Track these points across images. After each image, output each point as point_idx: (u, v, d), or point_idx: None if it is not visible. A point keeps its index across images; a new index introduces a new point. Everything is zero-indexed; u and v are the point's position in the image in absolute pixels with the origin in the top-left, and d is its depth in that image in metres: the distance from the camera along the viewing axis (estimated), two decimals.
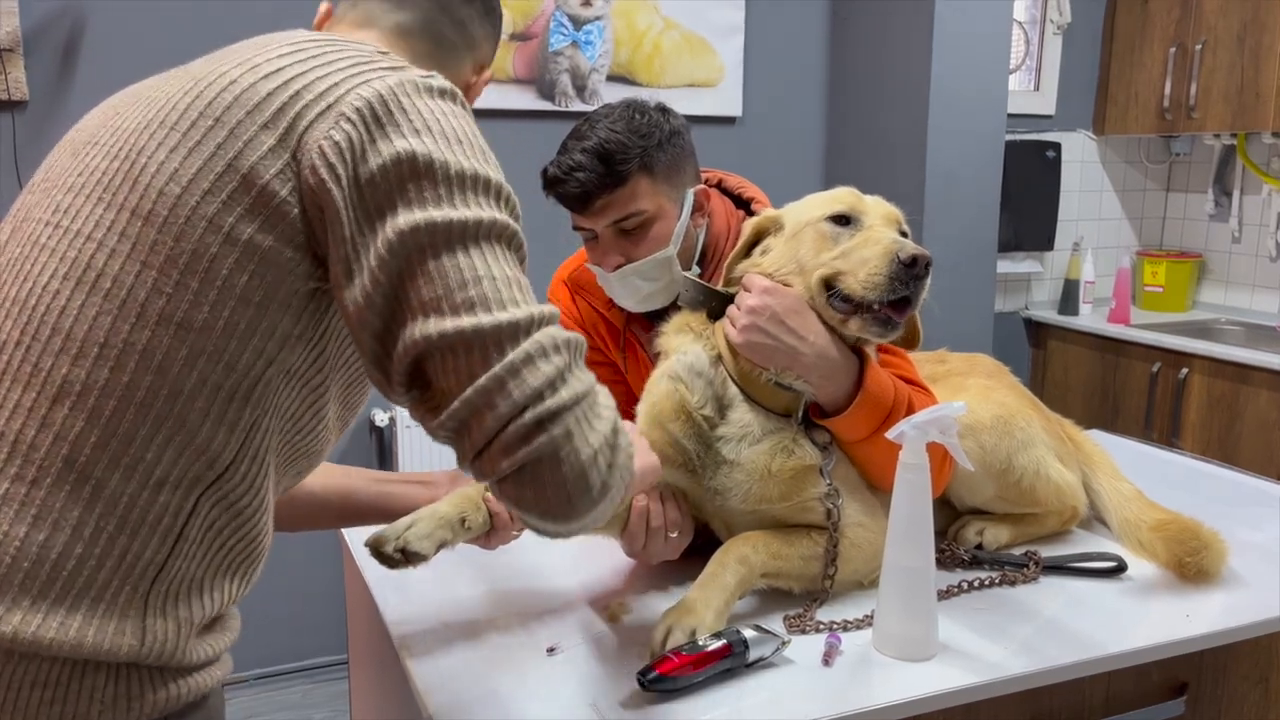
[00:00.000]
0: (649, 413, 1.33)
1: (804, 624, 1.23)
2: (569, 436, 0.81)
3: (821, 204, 1.31)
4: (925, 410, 1.15)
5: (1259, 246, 3.66)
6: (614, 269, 1.46)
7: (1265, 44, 3.20)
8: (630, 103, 1.46)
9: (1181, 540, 1.35)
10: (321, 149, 0.85)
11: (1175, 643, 1.22)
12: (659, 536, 1.29)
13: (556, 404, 0.81)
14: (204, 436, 0.86)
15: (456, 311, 0.82)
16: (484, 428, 0.81)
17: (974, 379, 1.51)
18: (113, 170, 0.89)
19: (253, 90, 0.88)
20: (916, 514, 1.15)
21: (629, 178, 1.41)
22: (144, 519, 0.85)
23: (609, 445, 0.84)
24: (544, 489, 0.81)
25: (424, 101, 0.89)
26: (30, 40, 2.45)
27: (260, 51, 0.92)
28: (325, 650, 2.95)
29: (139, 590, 0.85)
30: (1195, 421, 3.25)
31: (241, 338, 0.86)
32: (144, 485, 0.85)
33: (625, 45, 3.05)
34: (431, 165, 0.86)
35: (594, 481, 0.82)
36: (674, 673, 1.08)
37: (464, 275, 0.83)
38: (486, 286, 0.84)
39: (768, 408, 1.30)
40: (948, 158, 3.02)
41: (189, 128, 0.87)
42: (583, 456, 0.82)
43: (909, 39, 3.03)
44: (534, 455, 0.80)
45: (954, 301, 3.09)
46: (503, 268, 0.86)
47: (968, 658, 1.17)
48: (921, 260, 1.21)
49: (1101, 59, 3.78)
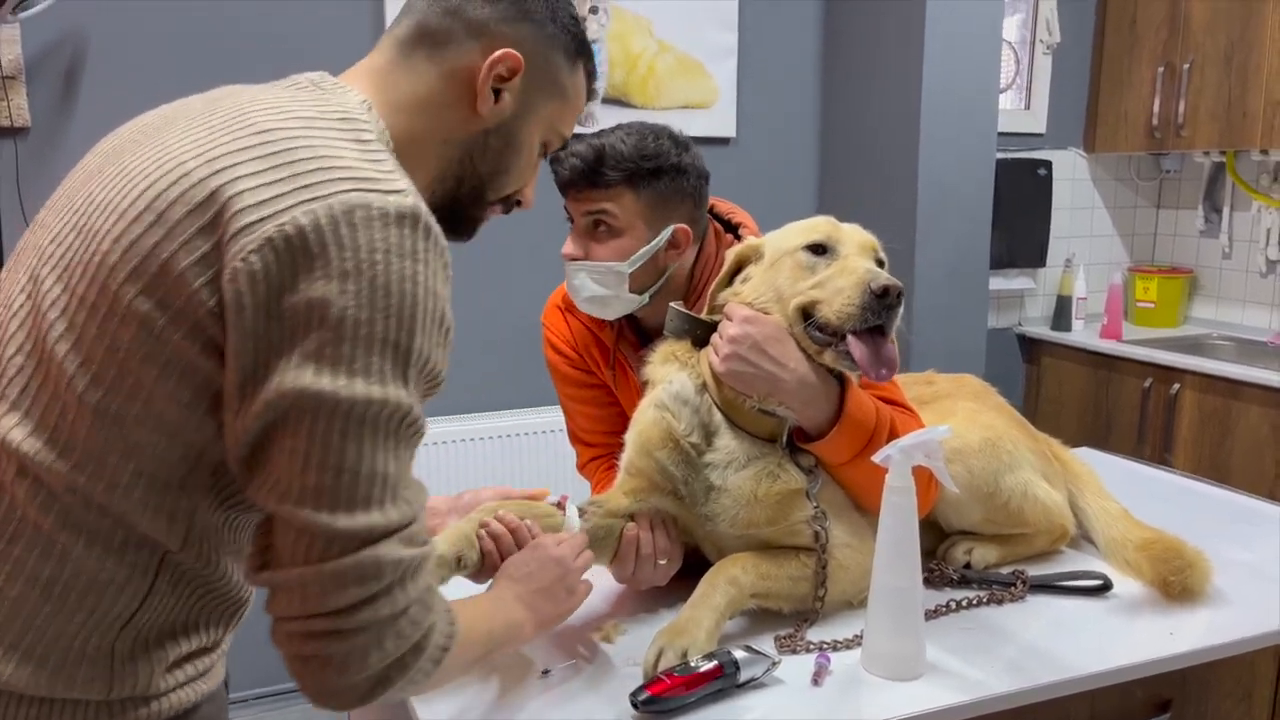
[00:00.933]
0: (637, 441, 1.36)
1: (794, 644, 1.25)
2: (347, 656, 0.82)
3: (799, 233, 1.34)
4: (911, 434, 1.17)
5: (1249, 262, 3.69)
6: (570, 258, 1.51)
7: (1252, 63, 3.24)
8: (657, 129, 1.51)
9: (1166, 559, 1.38)
10: (236, 271, 0.81)
11: (1158, 660, 1.25)
12: (648, 564, 1.33)
13: (345, 626, 0.82)
14: (147, 524, 0.88)
15: (302, 498, 0.81)
16: (286, 606, 0.83)
17: (961, 401, 1.53)
18: (75, 249, 0.89)
19: (200, 187, 0.84)
20: (903, 536, 1.18)
21: (611, 185, 1.45)
22: (111, 579, 0.88)
23: (398, 664, 0.85)
24: (308, 682, 0.84)
25: (368, 234, 0.82)
26: (32, 67, 2.48)
27: (227, 133, 0.88)
28: None
29: (105, 640, 0.89)
30: (1187, 437, 3.28)
31: (170, 433, 0.86)
32: (108, 551, 0.88)
33: (620, 67, 3.08)
34: (343, 322, 0.80)
35: (360, 692, 0.84)
36: (666, 694, 1.10)
37: (327, 461, 0.81)
38: (345, 481, 0.81)
39: (753, 433, 1.33)
40: (940, 176, 3.06)
41: (134, 220, 0.85)
42: (357, 675, 0.83)
43: (901, 60, 3.07)
44: (309, 654, 0.83)
45: (948, 318, 3.13)
46: (372, 460, 0.82)
47: (955, 677, 1.20)
48: (893, 290, 1.23)
49: (1091, 78, 3.82)
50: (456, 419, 2.99)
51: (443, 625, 0.90)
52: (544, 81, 1.05)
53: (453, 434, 2.92)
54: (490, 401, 3.06)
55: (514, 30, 1.02)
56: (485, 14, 1.01)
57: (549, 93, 1.06)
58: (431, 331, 0.86)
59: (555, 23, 1.04)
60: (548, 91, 1.06)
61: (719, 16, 3.18)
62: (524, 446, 3.00)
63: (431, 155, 1.02)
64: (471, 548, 1.23)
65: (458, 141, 1.03)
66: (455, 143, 1.03)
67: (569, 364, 1.66)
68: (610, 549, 1.33)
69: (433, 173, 1.03)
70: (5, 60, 2.43)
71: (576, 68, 1.08)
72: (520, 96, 1.03)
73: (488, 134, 1.03)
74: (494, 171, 1.06)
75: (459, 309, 3.23)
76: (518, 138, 1.06)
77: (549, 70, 1.05)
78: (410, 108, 1.00)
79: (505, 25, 1.01)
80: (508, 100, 1.03)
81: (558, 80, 1.06)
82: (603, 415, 1.64)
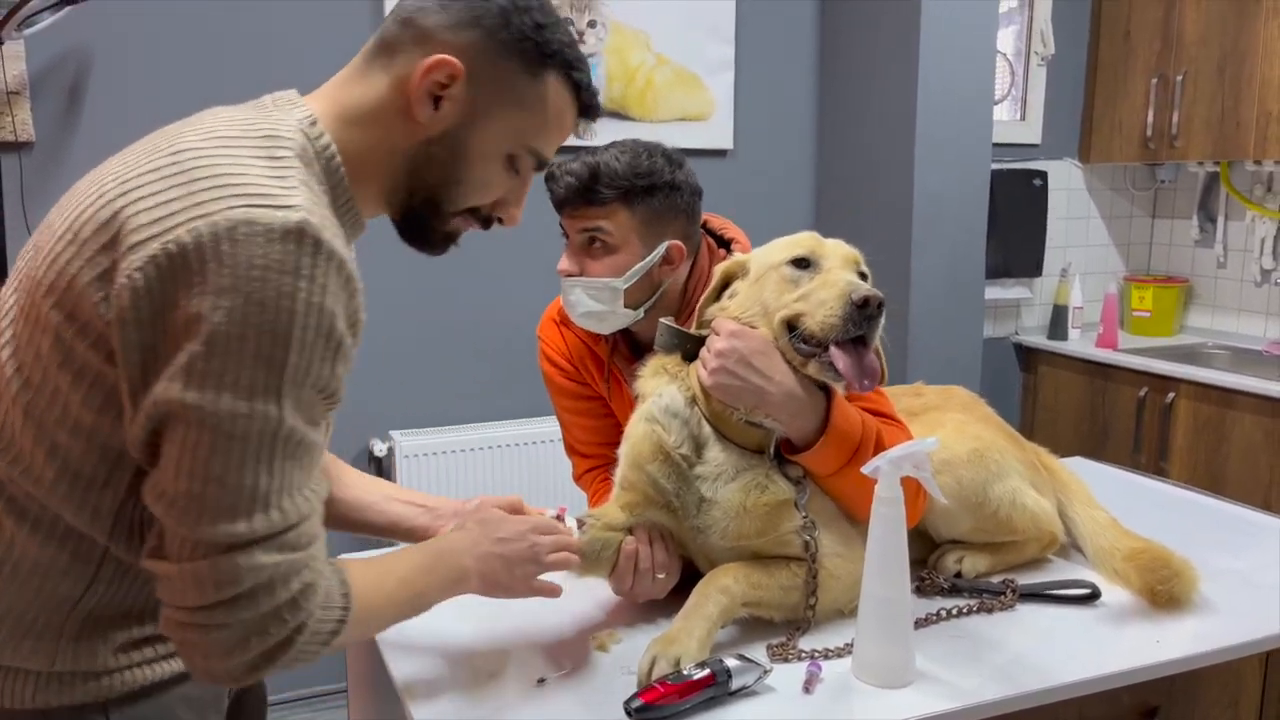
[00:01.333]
0: (629, 455, 1.38)
1: (787, 652, 1.27)
2: (211, 645, 0.88)
3: (783, 248, 1.36)
4: (899, 446, 1.19)
5: (1244, 271, 3.72)
6: (566, 275, 1.54)
7: (1244, 75, 3.27)
8: (651, 146, 1.53)
9: (1152, 568, 1.39)
10: (123, 287, 0.86)
11: (1145, 668, 1.27)
12: (646, 578, 1.35)
13: (209, 621, 0.87)
14: (72, 517, 0.95)
15: (173, 503, 0.87)
16: (161, 593, 0.90)
17: (949, 413, 1.55)
18: (28, 265, 0.97)
19: (108, 207, 0.90)
20: (892, 546, 1.20)
21: (606, 202, 1.48)
22: (53, 564, 0.96)
23: (264, 656, 0.90)
24: (187, 662, 0.92)
25: (249, 251, 0.84)
26: (36, 83, 2.52)
27: (149, 156, 0.92)
28: (325, 679, 2.98)
29: (55, 619, 0.97)
30: (1183, 445, 3.30)
31: (87, 436, 0.93)
32: (50, 538, 0.95)
33: (619, 81, 3.12)
34: (214, 337, 0.84)
35: (234, 676, 0.90)
36: (659, 702, 1.12)
37: (195, 470, 0.85)
38: (210, 491, 0.86)
39: (741, 445, 1.35)
40: (934, 187, 3.09)
41: (59, 238, 0.92)
42: (222, 664, 0.89)
43: (896, 72, 3.10)
44: (181, 640, 0.90)
45: (943, 327, 3.15)
46: (239, 473, 0.86)
47: (944, 684, 1.21)
48: (873, 301, 1.26)
49: (1085, 90, 3.85)
50: (454, 429, 3.01)
51: (322, 614, 0.94)
52: (495, 90, 1.02)
53: (450, 444, 2.95)
54: (487, 412, 3.08)
55: (459, 37, 1.00)
56: (433, 21, 1.00)
57: (502, 101, 1.02)
58: (314, 346, 0.88)
59: (509, 29, 1.01)
60: (501, 100, 1.02)
61: (716, 30, 3.22)
62: (520, 457, 3.02)
63: (382, 166, 1.03)
64: None
65: (402, 151, 1.02)
66: (400, 152, 1.02)
67: (564, 376, 1.68)
68: (608, 562, 1.35)
69: (385, 184, 1.04)
70: (10, 76, 2.46)
71: (541, 78, 1.03)
72: (465, 105, 1.01)
73: (430, 143, 1.02)
74: (443, 182, 1.04)
75: (457, 320, 3.26)
76: (466, 147, 1.03)
77: (500, 78, 1.02)
78: (362, 119, 1.01)
79: (450, 33, 1.00)
80: (448, 109, 1.01)
81: (513, 89, 1.02)
82: (598, 426, 1.67)
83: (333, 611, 0.95)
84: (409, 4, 1.03)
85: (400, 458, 2.91)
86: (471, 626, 1.37)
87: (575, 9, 3.02)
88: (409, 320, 2.97)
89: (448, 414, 3.05)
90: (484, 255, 2.99)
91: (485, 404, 3.08)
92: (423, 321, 3.00)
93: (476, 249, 3.13)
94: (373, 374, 2.94)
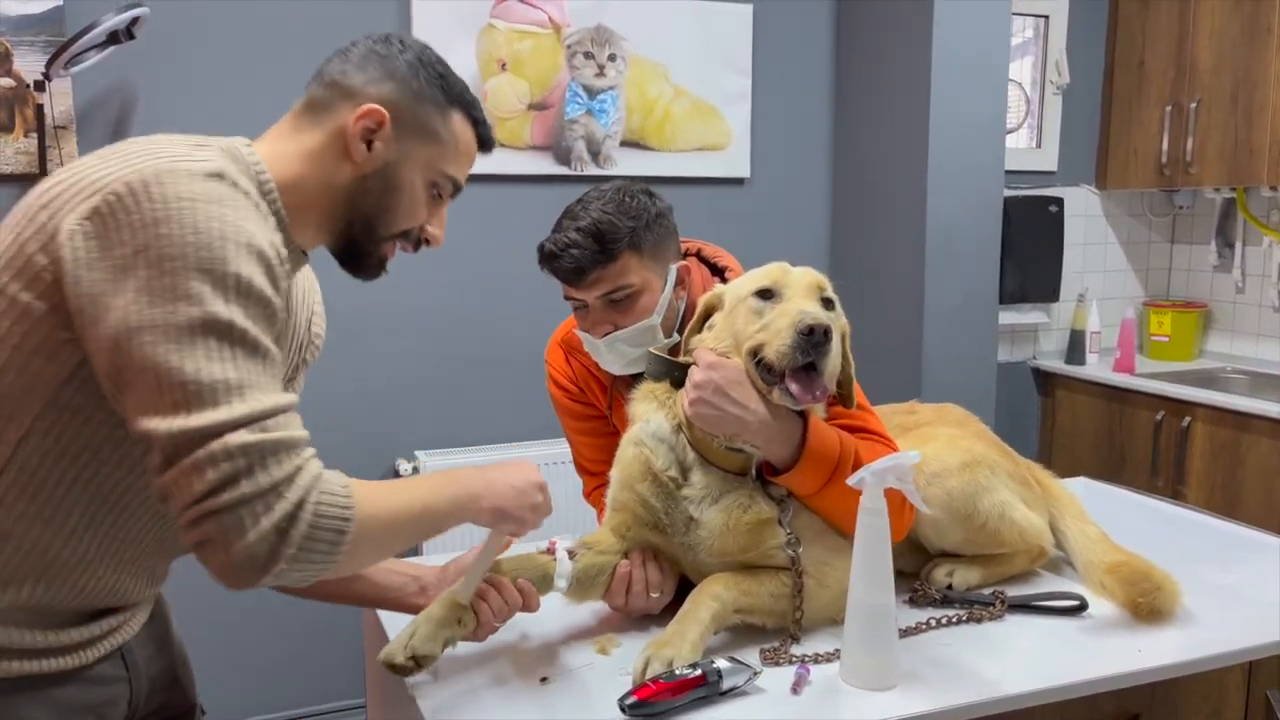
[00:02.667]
0: (619, 476, 1.46)
1: (778, 657, 1.33)
2: (226, 531, 0.96)
3: (750, 280, 1.42)
4: (883, 459, 1.26)
5: (1262, 296, 3.73)
6: (602, 336, 1.57)
7: (1257, 102, 3.31)
8: (620, 186, 1.58)
9: (1134, 581, 1.44)
10: (70, 230, 1.00)
11: (1125, 675, 1.32)
12: (640, 598, 1.42)
13: (214, 505, 0.96)
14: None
15: (158, 409, 0.97)
16: (174, 508, 0.98)
17: (942, 428, 1.61)
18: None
19: (54, 188, 1.05)
20: (877, 554, 1.26)
21: (619, 255, 1.51)
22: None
23: (276, 533, 0.97)
24: (213, 562, 0.98)
25: (176, 187, 1.00)
26: (83, 118, 2.65)
27: (95, 155, 1.09)
28: (347, 694, 3.06)
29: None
30: (1199, 469, 3.31)
31: (1, 371, 1.04)
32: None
33: (637, 112, 3.21)
34: (160, 257, 0.98)
35: (256, 563, 0.97)
36: (652, 699, 1.19)
37: (171, 377, 0.96)
38: (190, 389, 0.97)
39: (725, 469, 1.41)
40: (948, 214, 3.14)
41: (14, 219, 1.07)
42: (240, 547, 0.96)
43: (909, 101, 3.16)
44: (201, 538, 0.97)
45: (956, 351, 3.20)
46: (210, 368, 0.98)
47: (928, 687, 1.27)
48: (818, 329, 1.30)
49: (1101, 117, 3.90)
50: (478, 449, 3.10)
51: (323, 496, 1.01)
52: (414, 129, 1.21)
53: (475, 464, 3.02)
54: (511, 432, 3.17)
55: (379, 89, 1.20)
56: (356, 81, 1.20)
57: (421, 138, 1.22)
58: (245, 258, 1.02)
59: (419, 79, 1.21)
60: (420, 137, 1.22)
61: (733, 62, 3.31)
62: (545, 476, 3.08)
63: (318, 199, 1.20)
64: (466, 612, 1.30)
65: (339, 186, 1.20)
66: (338, 187, 1.20)
67: (570, 398, 1.75)
68: (602, 587, 1.43)
69: (326, 212, 1.21)
70: (58, 111, 2.59)
71: (449, 115, 1.24)
72: (393, 144, 1.20)
73: (366, 178, 1.20)
74: (378, 210, 1.22)
75: (481, 342, 3.34)
76: (396, 178, 1.22)
77: (418, 119, 1.21)
78: (296, 157, 1.19)
79: (372, 87, 1.20)
80: (380, 148, 1.19)
81: (428, 126, 1.22)
82: (604, 445, 1.73)
83: (335, 498, 1.02)
84: (330, 71, 1.23)
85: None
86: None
87: (595, 43, 3.12)
88: (434, 342, 3.07)
89: (473, 434, 3.14)
90: (507, 279, 3.08)
91: (510, 424, 3.16)
92: (448, 343, 3.09)
93: (500, 272, 3.22)
94: (398, 395, 3.04)
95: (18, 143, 2.57)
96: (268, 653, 2.96)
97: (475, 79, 3.00)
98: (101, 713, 1.19)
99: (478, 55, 3.00)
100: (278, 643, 2.97)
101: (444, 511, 1.19)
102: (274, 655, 2.98)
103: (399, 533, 1.13)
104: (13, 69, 2.55)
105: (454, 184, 1.27)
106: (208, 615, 2.60)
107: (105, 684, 1.19)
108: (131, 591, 1.20)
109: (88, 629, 1.15)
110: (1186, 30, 3.54)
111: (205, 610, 2.35)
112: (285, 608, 2.92)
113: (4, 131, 2.56)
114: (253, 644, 2.94)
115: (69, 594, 1.12)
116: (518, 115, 3.06)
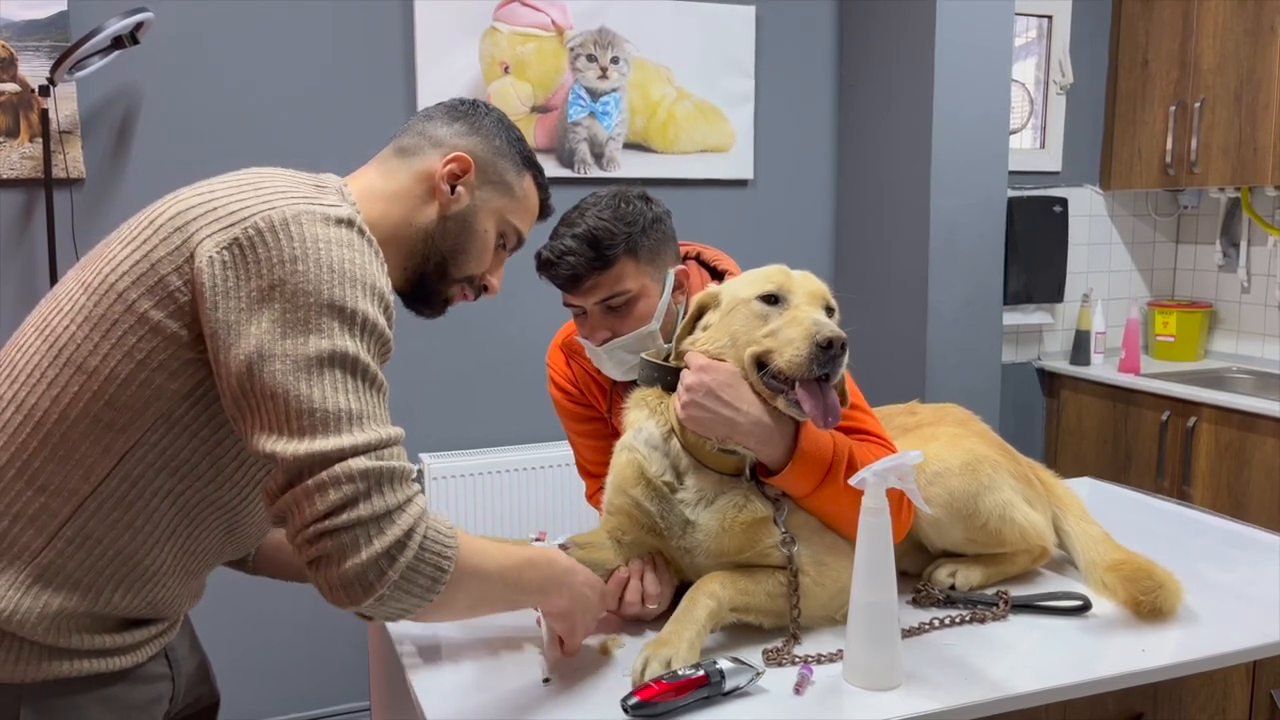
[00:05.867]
0: (613, 481, 1.46)
1: (781, 657, 1.33)
2: (342, 549, 1.01)
3: (753, 283, 1.41)
4: (884, 459, 1.26)
5: (1268, 296, 3.73)
6: (601, 343, 1.57)
7: (1261, 101, 3.31)
8: (616, 192, 1.58)
9: (1136, 580, 1.44)
10: (210, 256, 1.07)
11: (1128, 675, 1.31)
12: (633, 606, 1.42)
13: (332, 525, 1.01)
14: (81, 453, 1.09)
15: (284, 433, 1.03)
16: (291, 527, 1.04)
17: (944, 428, 1.61)
18: (93, 255, 1.17)
19: (189, 210, 1.12)
20: (878, 554, 1.26)
21: (616, 261, 1.52)
22: (25, 512, 1.09)
23: (386, 556, 1.02)
24: (323, 579, 1.03)
25: (313, 229, 1.08)
26: (87, 123, 2.66)
27: (224, 183, 1.16)
28: (351, 696, 3.06)
29: (13, 566, 1.09)
30: (1205, 469, 3.31)
31: (123, 383, 1.09)
32: (29, 486, 1.09)
33: (641, 114, 3.22)
34: (295, 292, 1.05)
35: (368, 581, 1.02)
36: (655, 699, 1.19)
37: (300, 405, 1.02)
38: (318, 417, 1.02)
39: (719, 471, 1.42)
40: (951, 216, 3.14)
41: (139, 232, 1.13)
42: (352, 565, 1.01)
43: (912, 102, 3.17)
44: (316, 554, 1.02)
45: (961, 352, 3.20)
46: (336, 397, 1.04)
47: (932, 687, 1.27)
48: (837, 342, 1.30)
49: (1105, 117, 3.90)
50: (484, 452, 3.10)
51: (430, 530, 1.06)
52: (493, 180, 1.34)
53: (480, 467, 3.03)
54: (517, 435, 3.17)
55: (466, 142, 1.33)
56: (445, 132, 1.33)
57: (497, 190, 1.34)
58: (368, 299, 1.09)
59: (502, 139, 1.35)
60: (497, 189, 1.34)
61: (736, 64, 3.31)
62: (549, 479, 3.10)
63: (402, 236, 1.30)
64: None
65: (421, 225, 1.30)
66: (419, 226, 1.30)
67: (570, 401, 1.76)
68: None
69: (404, 249, 1.30)
70: (63, 116, 2.61)
71: (523, 175, 1.37)
72: (474, 191, 1.32)
73: (446, 219, 1.31)
74: (453, 250, 1.32)
75: (487, 345, 3.35)
76: (472, 224, 1.33)
77: (496, 172, 1.34)
78: (385, 197, 1.29)
79: (459, 139, 1.33)
80: (462, 193, 1.31)
81: (505, 180, 1.35)
82: (605, 447, 1.73)
83: (442, 536, 1.07)
84: (419, 122, 1.35)
85: (430, 480, 3.00)
86: (488, 634, 1.44)
87: (598, 46, 3.13)
88: (441, 345, 3.08)
89: (478, 437, 3.15)
90: (512, 282, 3.08)
91: (515, 427, 3.17)
92: (454, 346, 3.10)
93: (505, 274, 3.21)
94: (404, 398, 3.04)
95: (22, 147, 2.58)
96: (270, 655, 2.97)
97: (478, 82, 3.01)
98: (151, 710, 1.22)
99: (481, 58, 3.01)
100: (281, 646, 2.98)
101: (527, 591, 1.25)
102: (277, 658, 2.99)
103: (491, 590, 1.18)
104: (17, 74, 2.56)
105: (518, 236, 1.38)
106: (210, 618, 2.60)
107: (153, 682, 1.22)
108: (183, 604, 1.25)
109: (143, 631, 1.19)
110: (1190, 30, 3.54)
111: (207, 612, 2.35)
112: (288, 611, 2.93)
113: (9, 136, 2.57)
114: (256, 647, 2.95)
115: (138, 604, 1.16)
116: (521, 118, 3.07)
